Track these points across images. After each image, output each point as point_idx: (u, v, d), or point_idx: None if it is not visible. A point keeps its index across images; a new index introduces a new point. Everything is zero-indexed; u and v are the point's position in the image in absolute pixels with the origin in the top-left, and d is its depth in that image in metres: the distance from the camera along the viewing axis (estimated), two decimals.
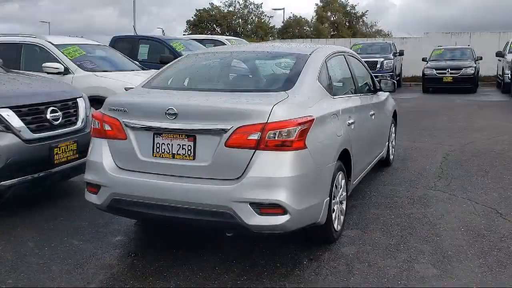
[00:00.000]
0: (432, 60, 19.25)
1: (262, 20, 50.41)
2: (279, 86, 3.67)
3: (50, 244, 3.98)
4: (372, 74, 5.71)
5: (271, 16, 50.22)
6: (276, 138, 3.18)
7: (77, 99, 5.00)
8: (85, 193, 3.79)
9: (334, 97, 4.07)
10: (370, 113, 5.05)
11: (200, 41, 11.94)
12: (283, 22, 46.80)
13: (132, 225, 4.41)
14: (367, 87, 5.45)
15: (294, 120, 3.24)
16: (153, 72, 8.45)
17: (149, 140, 3.47)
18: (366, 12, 53.55)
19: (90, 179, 3.69)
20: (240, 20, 50.15)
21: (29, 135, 4.32)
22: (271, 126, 3.18)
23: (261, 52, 4.32)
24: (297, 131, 3.21)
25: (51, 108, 4.60)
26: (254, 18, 50.92)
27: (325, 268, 3.53)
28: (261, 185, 3.16)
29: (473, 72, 17.98)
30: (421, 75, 18.96)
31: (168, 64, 4.37)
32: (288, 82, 3.69)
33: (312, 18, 52.26)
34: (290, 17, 51.20)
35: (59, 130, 4.63)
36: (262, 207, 3.16)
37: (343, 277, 3.39)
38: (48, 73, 7.25)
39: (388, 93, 6.12)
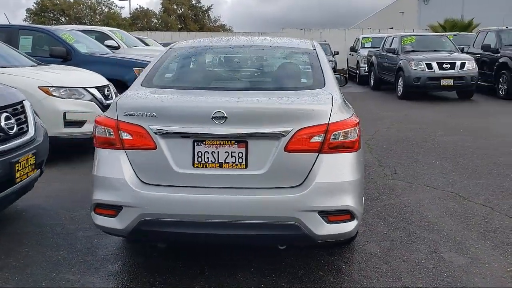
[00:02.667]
0: None
1: (112, 11, 47.69)
2: (311, 84, 3.43)
3: (39, 284, 3.21)
4: None
5: (122, 7, 47.84)
6: (339, 140, 2.97)
7: (23, 102, 4.09)
8: (95, 218, 3.12)
9: None
10: None
11: (82, 32, 10.74)
12: (130, 13, 44.91)
13: (119, 248, 3.79)
14: None
15: (353, 120, 3.07)
16: (56, 67, 7.44)
17: (187, 148, 2.98)
18: (211, 6, 54.29)
19: (105, 200, 3.04)
20: (88, 10, 46.63)
21: None
22: (334, 127, 2.96)
23: (265, 46, 3.98)
24: (357, 131, 3.06)
25: (5, 114, 3.68)
26: (103, 8, 47.88)
27: (369, 270, 3.44)
28: (330, 191, 2.93)
29: (333, 66, 19.45)
30: None
31: (159, 59, 3.77)
32: (317, 79, 3.47)
33: (160, 10, 51.09)
34: (137, 8, 49.37)
35: (16, 141, 3.73)
36: (331, 215, 2.94)
37: (394, 277, 3.34)
38: None
39: None
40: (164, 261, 3.53)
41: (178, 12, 51.46)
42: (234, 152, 2.96)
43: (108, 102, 6.74)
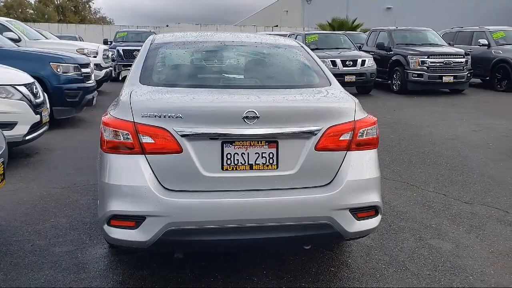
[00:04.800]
0: None
1: None
2: (318, 82, 3.41)
3: None
4: None
5: None
6: (364, 137, 3.02)
7: None
8: (110, 231, 2.78)
9: None
10: None
11: None
12: (2, 2, 40.70)
13: (112, 261, 3.46)
14: None
15: (372, 117, 3.13)
16: None
17: (215, 151, 2.80)
18: None
19: (124, 210, 2.74)
20: None
21: None
22: (359, 124, 3.00)
23: (256, 42, 3.84)
24: (376, 129, 3.12)
25: None
26: None
27: (374, 262, 3.55)
28: (360, 189, 2.96)
29: None
30: None
31: (146, 55, 3.46)
32: (321, 77, 3.47)
33: (35, 0, 47.10)
34: None
35: None
36: (359, 212, 2.98)
37: (400, 267, 3.48)
38: None
39: None
40: (173, 273, 3.30)
41: (56, 2, 47.94)
42: (265, 152, 2.86)
43: (37, 101, 6.10)
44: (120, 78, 4.92)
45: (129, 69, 5.11)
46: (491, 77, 15.27)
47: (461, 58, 14.09)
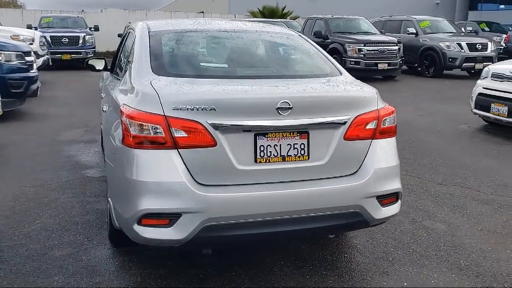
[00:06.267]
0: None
1: None
2: (329, 71, 3.39)
3: None
4: None
5: None
6: (386, 125, 3.08)
7: None
8: (142, 231, 2.62)
9: None
10: None
11: None
12: None
13: (122, 261, 3.28)
14: None
15: (390, 106, 3.19)
16: None
17: (248, 143, 2.73)
18: None
19: (158, 208, 2.59)
20: None
21: None
22: (382, 113, 3.05)
23: (257, 31, 3.73)
24: (395, 117, 3.20)
25: None
26: None
27: (382, 246, 3.65)
28: (386, 176, 3.02)
29: None
30: None
31: (149, 44, 3.25)
32: (330, 66, 3.48)
33: None
34: None
35: None
36: (384, 199, 3.04)
37: (407, 249, 3.61)
38: None
39: None
40: (191, 269, 3.19)
41: None
42: (296, 144, 2.83)
43: None
44: (85, 66, 4.67)
45: (92, 58, 4.85)
46: (419, 64, 16.15)
47: (394, 46, 14.74)
